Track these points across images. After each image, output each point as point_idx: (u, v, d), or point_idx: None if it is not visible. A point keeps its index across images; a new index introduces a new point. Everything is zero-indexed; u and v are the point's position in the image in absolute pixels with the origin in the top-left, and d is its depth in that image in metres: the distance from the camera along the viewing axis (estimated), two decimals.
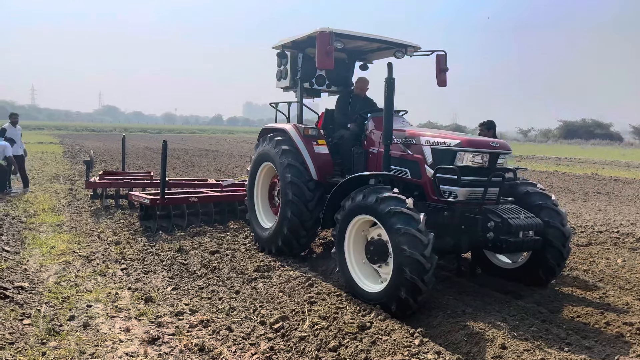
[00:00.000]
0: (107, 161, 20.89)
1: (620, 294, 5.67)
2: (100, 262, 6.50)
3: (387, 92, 5.35)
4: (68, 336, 4.25)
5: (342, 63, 7.77)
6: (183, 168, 19.44)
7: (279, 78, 7.59)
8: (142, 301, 5.11)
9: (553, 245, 5.43)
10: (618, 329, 4.62)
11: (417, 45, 6.96)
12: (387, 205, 4.70)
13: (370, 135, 6.44)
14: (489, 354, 3.95)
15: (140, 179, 11.74)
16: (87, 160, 11.01)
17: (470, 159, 5.21)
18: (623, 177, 20.41)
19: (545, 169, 24.37)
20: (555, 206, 5.59)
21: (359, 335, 4.23)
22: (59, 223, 8.70)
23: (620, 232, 9.14)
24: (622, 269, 6.70)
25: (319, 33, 5.94)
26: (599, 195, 14.96)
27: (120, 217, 9.24)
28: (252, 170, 7.51)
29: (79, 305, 4.96)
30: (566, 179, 19.63)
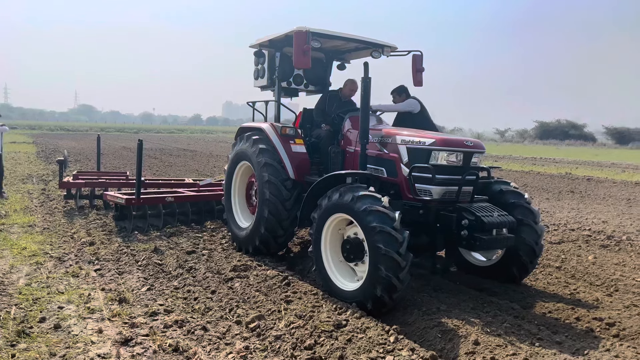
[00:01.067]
0: (82, 161, 20.52)
1: (591, 290, 5.80)
2: (73, 263, 6.39)
3: (364, 91, 5.38)
4: (38, 338, 4.16)
5: (319, 62, 7.78)
6: (160, 168, 19.22)
7: (257, 77, 7.56)
8: (116, 302, 5.03)
9: (526, 242, 5.52)
10: (588, 324, 4.73)
11: (394, 45, 7.01)
12: (363, 203, 4.72)
13: (347, 134, 6.46)
14: (463, 350, 4.00)
15: (116, 178, 11.57)
16: (60, 160, 10.79)
17: (445, 158, 5.26)
18: (596, 177, 20.86)
19: (521, 168, 24.78)
20: (528, 204, 5.69)
21: (334, 333, 4.24)
22: (31, 224, 8.52)
23: (591, 230, 9.34)
24: (593, 266, 6.86)
25: (296, 32, 5.93)
26: (572, 194, 15.27)
27: (94, 217, 9.09)
28: (229, 170, 7.46)
29: (50, 307, 4.87)
30: (541, 179, 19.98)
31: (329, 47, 7.40)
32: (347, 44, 7.20)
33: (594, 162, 30.96)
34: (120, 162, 20.63)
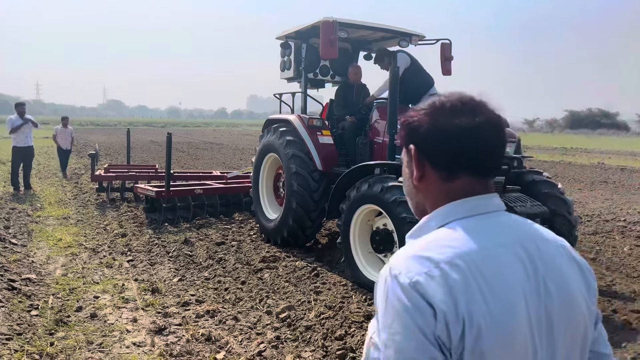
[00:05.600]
0: (112, 155, 20.96)
1: (628, 282, 5.65)
2: (107, 254, 6.53)
3: (392, 81, 5.32)
4: (75, 327, 4.27)
5: (346, 53, 7.72)
6: (188, 161, 19.47)
7: (283, 69, 7.56)
8: (149, 292, 5.13)
9: (560, 233, 5.35)
10: (625, 316, 4.61)
11: (422, 34, 6.91)
12: (393, 194, 4.68)
13: (374, 125, 6.41)
14: None
15: (146, 171, 11.76)
16: (92, 154, 11.04)
17: None
18: (630, 166, 20.28)
19: (551, 159, 24.25)
20: (561, 194, 5.56)
21: (365, 324, 4.23)
22: (65, 216, 8.75)
23: (627, 221, 9.09)
24: (629, 257, 6.68)
25: (323, 23, 5.90)
26: (606, 185, 14.88)
27: (125, 209, 9.27)
28: (256, 162, 7.50)
29: (86, 297, 4.99)
30: (572, 169, 19.53)
31: (355, 37, 7.34)
32: (374, 34, 7.13)
33: (627, 152, 30.10)
34: (148, 156, 20.99)
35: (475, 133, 1.02)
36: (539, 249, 1.02)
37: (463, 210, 1.03)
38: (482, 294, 0.91)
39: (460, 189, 1.05)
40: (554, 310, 0.99)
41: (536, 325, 0.96)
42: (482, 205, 1.04)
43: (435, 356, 0.89)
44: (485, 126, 1.03)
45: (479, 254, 0.95)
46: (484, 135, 1.03)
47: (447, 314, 0.89)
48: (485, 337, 0.89)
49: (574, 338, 1.02)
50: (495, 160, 1.06)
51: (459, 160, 1.04)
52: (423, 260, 0.94)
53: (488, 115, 1.04)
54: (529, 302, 0.96)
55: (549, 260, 1.01)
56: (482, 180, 1.06)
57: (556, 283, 1.00)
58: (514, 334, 0.92)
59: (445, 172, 1.05)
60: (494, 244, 0.98)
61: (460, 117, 1.03)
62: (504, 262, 0.96)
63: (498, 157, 1.06)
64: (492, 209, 1.04)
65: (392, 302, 0.93)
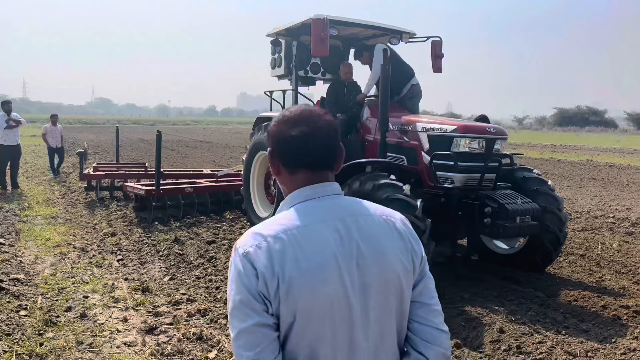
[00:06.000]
0: (100, 153, 20.78)
1: (617, 278, 5.70)
2: (96, 253, 6.47)
3: (383, 79, 5.32)
4: (65, 327, 4.23)
5: (336, 50, 7.71)
6: (177, 159, 19.36)
7: (273, 66, 7.53)
8: (139, 291, 5.08)
9: (550, 230, 5.44)
10: (615, 312, 4.65)
11: (413, 31, 6.91)
12: (384, 192, 4.68)
13: (366, 122, 6.41)
14: (487, 338, 3.97)
15: (135, 170, 11.66)
16: (80, 152, 10.93)
17: (467, 145, 5.19)
18: (618, 163, 20.48)
19: (540, 156, 24.43)
20: (552, 191, 5.59)
21: None
22: (54, 215, 8.65)
23: (615, 217, 9.18)
24: (618, 253, 6.74)
25: (314, 20, 5.87)
26: (594, 182, 15.01)
27: (115, 208, 9.19)
28: (247, 160, 7.47)
29: (76, 297, 4.94)
30: (561, 166, 19.68)
31: (346, 35, 7.32)
32: (365, 31, 7.11)
33: (615, 149, 30.39)
34: (138, 154, 20.84)
35: (304, 140, 1.34)
36: (357, 222, 1.31)
37: (302, 196, 1.34)
38: (296, 258, 1.22)
39: (301, 180, 1.36)
40: (366, 267, 1.28)
41: (348, 277, 1.25)
42: (318, 192, 1.35)
43: (255, 307, 1.21)
44: (313, 134, 1.34)
45: (299, 228, 1.27)
46: (312, 141, 1.34)
47: (265, 274, 1.21)
48: (296, 288, 1.20)
49: (388, 289, 1.31)
50: (323, 158, 1.37)
51: (296, 160, 1.36)
52: (256, 235, 1.27)
53: (316, 125, 1.35)
54: (341, 261, 1.25)
55: (366, 230, 1.31)
56: (317, 173, 1.36)
57: (370, 247, 1.30)
58: (324, 283, 1.22)
59: (290, 168, 1.37)
60: (315, 220, 1.29)
61: (295, 127, 1.35)
62: (319, 233, 1.27)
63: (325, 156, 1.37)
64: (327, 194, 1.35)
65: (232, 268, 1.28)
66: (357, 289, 1.27)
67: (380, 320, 1.31)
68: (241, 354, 1.22)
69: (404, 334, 1.38)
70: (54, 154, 14.02)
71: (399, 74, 6.32)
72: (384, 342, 1.33)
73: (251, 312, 1.21)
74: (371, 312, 1.29)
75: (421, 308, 1.38)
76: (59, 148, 14.10)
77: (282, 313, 1.22)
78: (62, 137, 14.20)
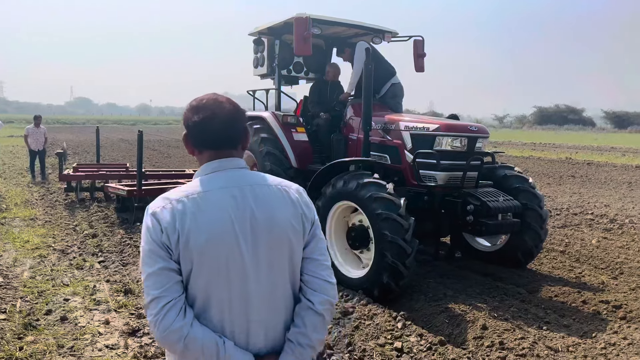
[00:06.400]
0: (80, 154, 20.47)
1: (596, 273, 5.80)
2: (77, 255, 6.37)
3: (366, 78, 5.33)
4: (45, 330, 4.15)
5: (319, 49, 7.70)
6: (160, 159, 19.17)
7: (256, 65, 7.49)
8: (122, 293, 5.02)
9: (531, 227, 5.51)
10: (595, 307, 4.73)
11: (395, 31, 6.94)
12: (368, 190, 4.69)
13: (349, 121, 6.42)
14: (470, 335, 4.00)
15: (116, 170, 11.51)
16: (59, 153, 10.76)
17: (449, 143, 5.23)
18: (596, 161, 20.85)
19: (520, 154, 24.75)
20: (532, 189, 5.67)
21: (342, 321, 4.23)
22: (33, 217, 8.50)
23: (594, 214, 9.34)
24: (597, 249, 6.86)
25: (296, 19, 5.86)
26: (573, 179, 15.26)
27: (96, 209, 9.06)
28: None
29: (56, 300, 4.86)
30: (541, 164, 19.97)
31: (329, 34, 7.32)
32: (348, 30, 7.12)
33: (593, 147, 30.94)
34: (119, 154, 20.58)
35: (205, 124, 1.58)
36: (253, 190, 1.57)
37: (208, 169, 1.60)
38: (194, 216, 1.48)
39: (207, 157, 1.62)
40: (258, 227, 1.53)
41: (241, 235, 1.51)
42: (221, 166, 1.60)
43: (161, 254, 1.47)
44: (213, 119, 1.58)
45: (200, 193, 1.53)
46: (212, 125, 1.58)
47: (168, 229, 1.47)
48: (192, 240, 1.46)
49: (279, 246, 1.56)
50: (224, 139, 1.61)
51: (201, 141, 1.61)
52: (164, 199, 1.54)
53: (218, 111, 1.59)
54: (235, 221, 1.51)
55: (261, 197, 1.57)
56: (221, 151, 1.61)
57: (263, 211, 1.55)
58: (218, 238, 1.48)
59: (198, 148, 1.63)
60: (215, 187, 1.54)
61: (198, 113, 1.59)
62: (217, 198, 1.53)
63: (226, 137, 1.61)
64: (229, 167, 1.60)
65: (143, 226, 1.53)
66: (250, 245, 1.52)
67: (271, 271, 1.56)
68: (149, 292, 1.48)
69: (297, 284, 1.64)
70: (35, 156, 13.34)
71: (380, 73, 6.33)
72: (276, 290, 1.58)
73: (157, 259, 1.47)
74: (263, 265, 1.54)
75: (312, 263, 1.64)
76: (41, 151, 13.36)
77: (182, 261, 1.48)
78: (45, 139, 13.56)
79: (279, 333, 1.59)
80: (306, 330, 1.59)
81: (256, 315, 1.54)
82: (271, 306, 1.57)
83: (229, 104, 1.63)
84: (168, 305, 1.45)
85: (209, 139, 1.60)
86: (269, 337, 1.57)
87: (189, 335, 1.45)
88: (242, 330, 1.53)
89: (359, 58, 6.47)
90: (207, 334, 1.48)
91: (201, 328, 1.49)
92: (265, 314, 1.56)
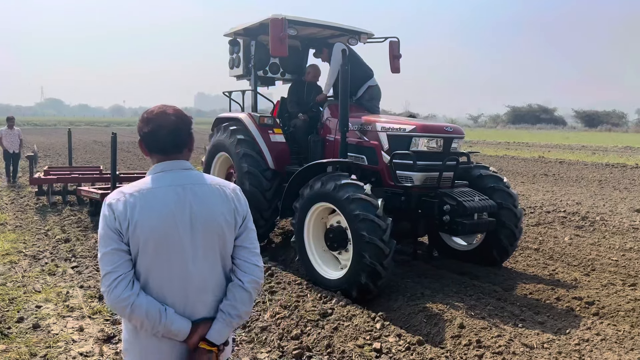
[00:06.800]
0: (52, 156, 20.02)
1: (569, 270, 5.92)
2: (49, 260, 6.22)
3: (342, 79, 5.33)
4: (17, 339, 4.04)
5: (295, 50, 7.68)
6: (134, 161, 18.87)
7: (232, 66, 7.43)
8: (96, 299, 4.92)
9: (506, 226, 5.59)
10: (568, 303, 4.83)
11: (371, 32, 6.97)
12: (346, 192, 4.70)
13: (326, 122, 6.42)
14: (448, 334, 4.04)
15: (89, 173, 11.28)
16: (30, 156, 10.51)
17: (425, 144, 5.27)
18: (567, 159, 21.31)
19: (495, 153, 25.15)
20: (507, 188, 5.76)
21: (320, 322, 4.23)
22: (2, 222, 8.26)
23: (566, 212, 9.54)
24: (570, 247, 7.01)
25: (272, 20, 5.84)
26: (546, 177, 15.57)
27: (68, 213, 8.87)
28: (207, 161, 7.35)
29: (28, 307, 4.73)
30: (515, 162, 20.33)
31: (305, 35, 7.31)
32: (324, 31, 7.12)
33: (565, 145, 31.63)
34: (92, 157, 20.21)
35: (153, 134, 1.89)
36: (193, 188, 1.88)
37: (157, 169, 1.91)
38: (142, 208, 1.80)
39: (157, 159, 1.93)
40: (197, 219, 1.85)
41: (181, 225, 1.83)
42: (168, 167, 1.91)
43: (114, 238, 1.79)
44: (159, 130, 1.89)
45: (149, 189, 1.84)
46: (158, 135, 1.89)
47: (120, 217, 1.79)
48: (139, 227, 1.78)
49: (213, 236, 1.88)
50: (171, 146, 1.91)
51: (151, 147, 1.92)
52: (120, 192, 1.85)
53: (164, 122, 1.89)
54: (176, 213, 1.83)
55: (199, 194, 1.88)
56: (167, 156, 1.92)
57: (201, 205, 1.87)
58: (160, 226, 1.80)
59: (150, 152, 1.94)
60: (161, 185, 1.86)
61: (148, 125, 1.90)
62: (163, 193, 1.84)
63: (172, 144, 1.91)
64: (175, 169, 1.91)
65: (101, 214, 1.84)
66: (188, 233, 1.84)
67: (206, 256, 1.89)
68: (104, 268, 1.79)
69: (228, 267, 1.97)
70: (10, 159, 12.95)
71: (357, 75, 6.35)
72: (210, 271, 1.90)
73: (111, 242, 1.79)
74: (199, 250, 1.86)
75: (243, 250, 1.96)
76: (16, 153, 12.99)
77: (131, 244, 1.80)
78: (20, 141, 13.19)
79: (211, 306, 1.91)
80: (236, 303, 1.91)
81: (193, 290, 1.87)
82: (205, 284, 1.89)
83: (175, 115, 1.92)
84: (119, 279, 1.77)
85: (158, 146, 1.91)
86: (203, 308, 1.90)
87: (135, 302, 1.77)
88: (181, 302, 1.86)
89: (335, 59, 6.48)
90: (151, 302, 1.80)
91: (146, 297, 1.80)
92: (201, 290, 1.88)
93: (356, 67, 6.38)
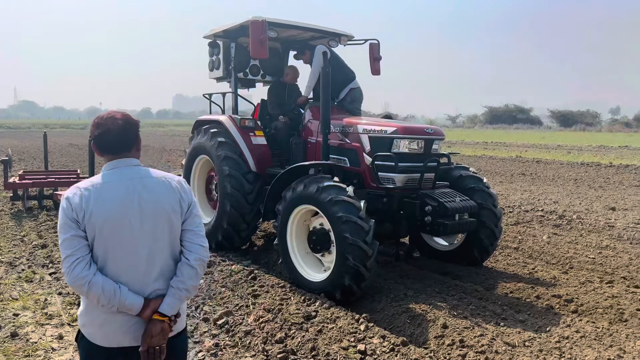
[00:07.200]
0: (26, 160, 19.60)
1: (548, 269, 6.03)
2: (26, 267, 6.08)
3: (323, 82, 5.34)
4: None
5: (276, 52, 7.67)
6: None
7: (212, 68, 7.37)
8: (75, 306, 4.83)
9: (486, 225, 5.67)
10: (548, 301, 4.91)
11: (351, 34, 6.99)
12: (328, 194, 4.71)
13: (308, 125, 6.42)
14: (432, 334, 4.07)
15: (66, 177, 11.04)
16: (4, 160, 10.24)
17: (407, 146, 5.31)
18: (544, 159, 21.68)
19: (473, 153, 25.45)
20: (487, 188, 5.84)
21: (305, 325, 4.22)
22: None
23: (544, 211, 9.71)
24: (548, 245, 7.13)
25: (252, 22, 5.82)
26: (524, 177, 15.82)
27: (45, 218, 8.68)
28: (187, 164, 7.28)
29: (5, 315, 4.62)
30: (493, 162, 20.60)
31: (285, 37, 7.30)
32: (304, 34, 7.12)
33: (541, 145, 32.15)
34: (68, 160, 19.83)
35: (103, 137, 2.18)
36: (142, 181, 2.17)
37: (109, 167, 2.19)
38: (96, 199, 2.07)
39: (108, 158, 2.21)
40: (145, 207, 2.13)
41: (131, 214, 2.10)
42: (118, 164, 2.19)
43: (72, 226, 2.05)
44: (108, 133, 2.17)
45: (101, 183, 2.13)
46: (107, 138, 2.18)
47: (76, 208, 2.06)
48: (94, 216, 2.05)
49: (161, 222, 2.16)
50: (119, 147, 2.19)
51: (102, 149, 2.20)
52: (76, 187, 2.12)
53: (112, 126, 2.17)
54: (127, 202, 2.10)
55: (148, 186, 2.16)
56: (117, 155, 2.20)
57: (149, 195, 2.15)
58: (112, 214, 2.07)
59: (101, 153, 2.21)
60: (113, 180, 2.14)
61: (98, 129, 2.19)
62: (114, 186, 2.12)
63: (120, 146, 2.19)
64: (124, 166, 2.18)
65: (60, 206, 2.11)
66: (138, 221, 2.11)
67: (155, 240, 2.15)
68: (64, 252, 2.05)
69: (177, 250, 2.23)
70: None
71: (338, 77, 6.37)
72: (159, 254, 2.17)
73: (69, 229, 2.05)
74: (148, 235, 2.13)
75: (189, 232, 2.24)
76: None
77: (87, 231, 2.06)
78: None
79: (161, 284, 2.17)
80: (184, 278, 2.18)
81: (144, 271, 2.14)
82: (155, 265, 2.16)
83: (122, 120, 2.20)
84: (77, 261, 2.03)
85: (108, 147, 2.19)
86: (154, 286, 2.16)
87: (92, 281, 2.03)
88: (134, 280, 2.12)
89: (317, 62, 6.50)
90: (106, 281, 2.06)
91: (102, 277, 2.07)
92: (151, 270, 2.15)
93: (338, 70, 6.40)
